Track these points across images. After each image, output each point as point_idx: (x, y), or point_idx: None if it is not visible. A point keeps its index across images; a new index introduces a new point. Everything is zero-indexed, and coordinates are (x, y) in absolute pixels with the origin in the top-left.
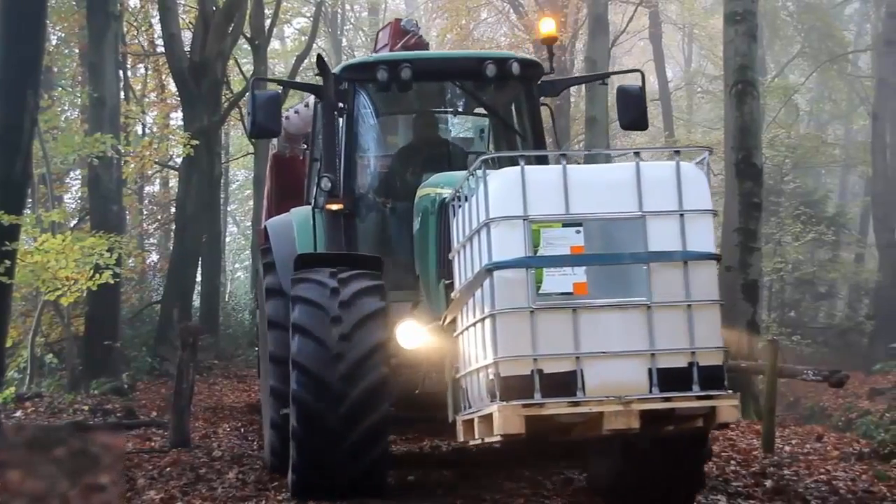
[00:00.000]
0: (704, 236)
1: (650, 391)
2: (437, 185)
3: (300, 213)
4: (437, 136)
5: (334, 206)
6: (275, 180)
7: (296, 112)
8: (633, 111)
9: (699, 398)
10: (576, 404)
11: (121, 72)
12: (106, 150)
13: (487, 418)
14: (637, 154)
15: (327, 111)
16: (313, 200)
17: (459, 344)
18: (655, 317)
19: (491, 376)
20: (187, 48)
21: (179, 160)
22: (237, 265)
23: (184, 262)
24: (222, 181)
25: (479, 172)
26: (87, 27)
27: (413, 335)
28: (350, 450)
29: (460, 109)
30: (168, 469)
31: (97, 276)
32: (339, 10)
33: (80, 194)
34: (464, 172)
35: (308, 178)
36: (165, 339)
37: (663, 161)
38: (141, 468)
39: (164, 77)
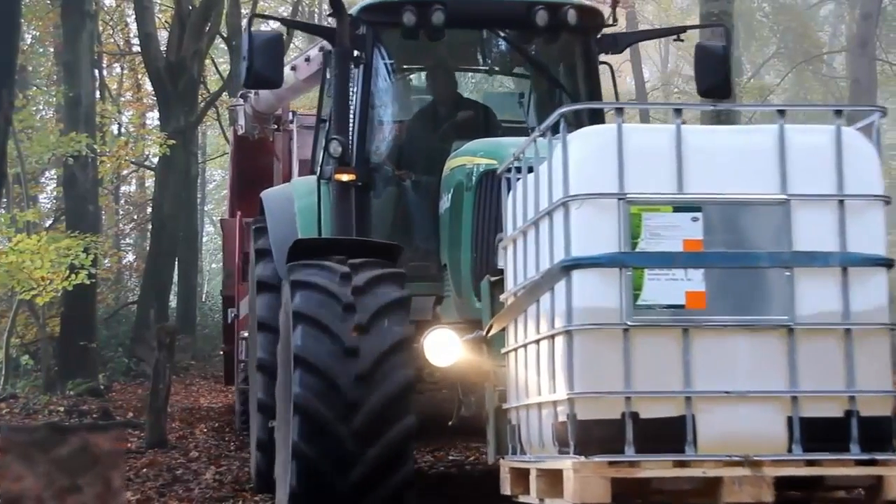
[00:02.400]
0: (872, 233)
1: (789, 450)
2: (474, 154)
3: (302, 185)
4: (470, 99)
5: (345, 177)
6: (237, 167)
7: None
8: (715, 74)
9: (859, 463)
10: (684, 465)
11: (96, 71)
12: (81, 150)
13: (553, 475)
14: (781, 113)
15: (341, 60)
16: (318, 169)
17: (511, 364)
18: (800, 344)
19: (561, 417)
20: (163, 47)
21: (156, 160)
22: (214, 265)
23: (160, 263)
24: (199, 181)
25: (547, 133)
26: (61, 26)
27: (446, 348)
28: (367, 472)
29: (498, 68)
30: (144, 470)
31: (72, 276)
32: (316, 10)
33: (55, 194)
34: (509, 139)
35: (314, 144)
36: (142, 339)
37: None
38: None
39: (139, 76)
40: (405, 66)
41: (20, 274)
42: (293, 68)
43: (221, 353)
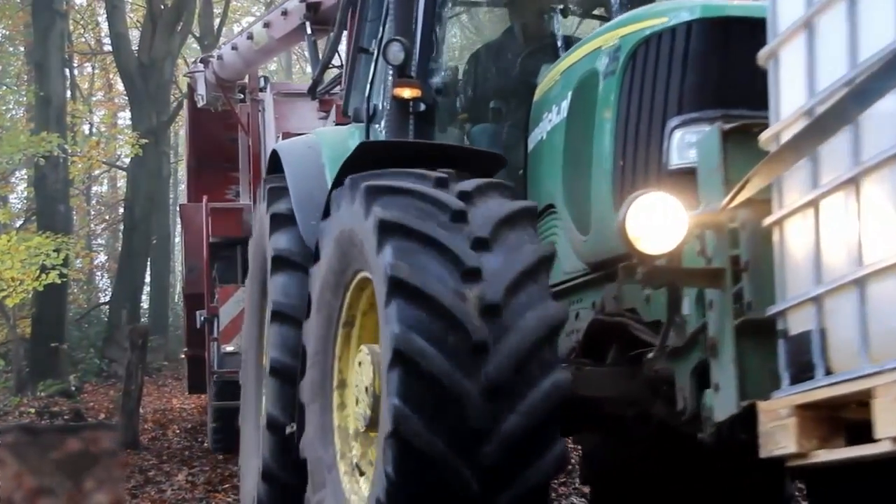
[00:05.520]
0: None
1: None
2: (614, 28)
3: (330, 133)
4: (550, 32)
5: (407, 92)
6: (195, 144)
7: (233, 48)
8: None
9: None
10: None
11: (67, 70)
12: (52, 150)
13: None
14: None
15: None
16: (367, 109)
17: (786, 238)
18: None
19: None
20: (135, 47)
21: (127, 160)
22: None
23: (132, 263)
24: (171, 181)
25: None
26: (32, 25)
27: (664, 224)
28: (503, 451)
29: (576, 7)
30: None
31: (43, 276)
32: None
33: (25, 194)
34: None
35: (349, 83)
36: (114, 340)
37: None
38: None
39: (111, 76)
40: None
41: None
42: (266, 25)
43: (184, 356)
